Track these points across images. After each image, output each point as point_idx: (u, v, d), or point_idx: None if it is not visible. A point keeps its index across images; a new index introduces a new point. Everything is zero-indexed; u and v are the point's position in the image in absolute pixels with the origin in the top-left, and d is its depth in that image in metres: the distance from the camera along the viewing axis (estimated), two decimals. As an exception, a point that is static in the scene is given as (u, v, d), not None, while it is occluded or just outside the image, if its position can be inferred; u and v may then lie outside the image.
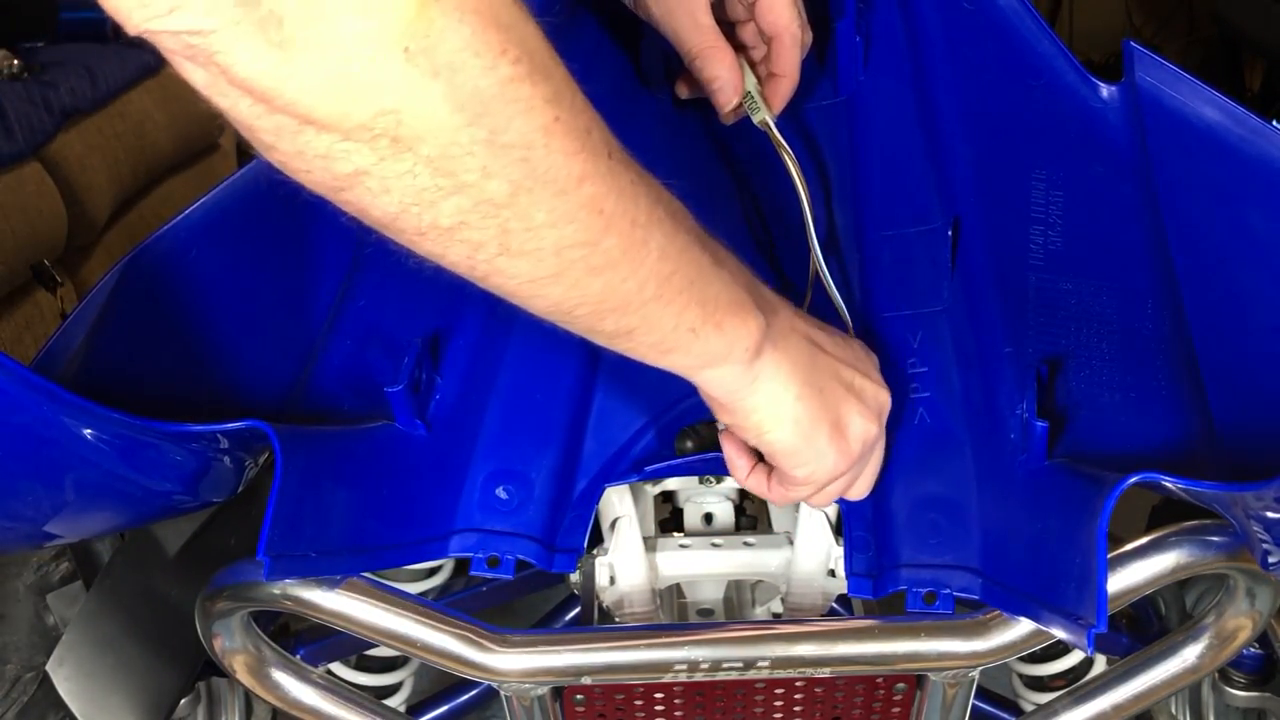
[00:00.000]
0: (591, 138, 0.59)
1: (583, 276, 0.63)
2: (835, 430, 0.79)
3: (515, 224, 0.58)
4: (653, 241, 0.64)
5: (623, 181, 0.62)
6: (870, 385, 0.82)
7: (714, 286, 0.70)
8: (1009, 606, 0.80)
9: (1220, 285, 0.83)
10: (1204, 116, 0.82)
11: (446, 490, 0.88)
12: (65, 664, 0.91)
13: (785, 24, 0.92)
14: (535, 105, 0.55)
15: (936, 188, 0.95)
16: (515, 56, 0.54)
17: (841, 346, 0.82)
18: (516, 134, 0.55)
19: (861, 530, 0.88)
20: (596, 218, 0.61)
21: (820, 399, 0.78)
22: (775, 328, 0.75)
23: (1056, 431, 0.83)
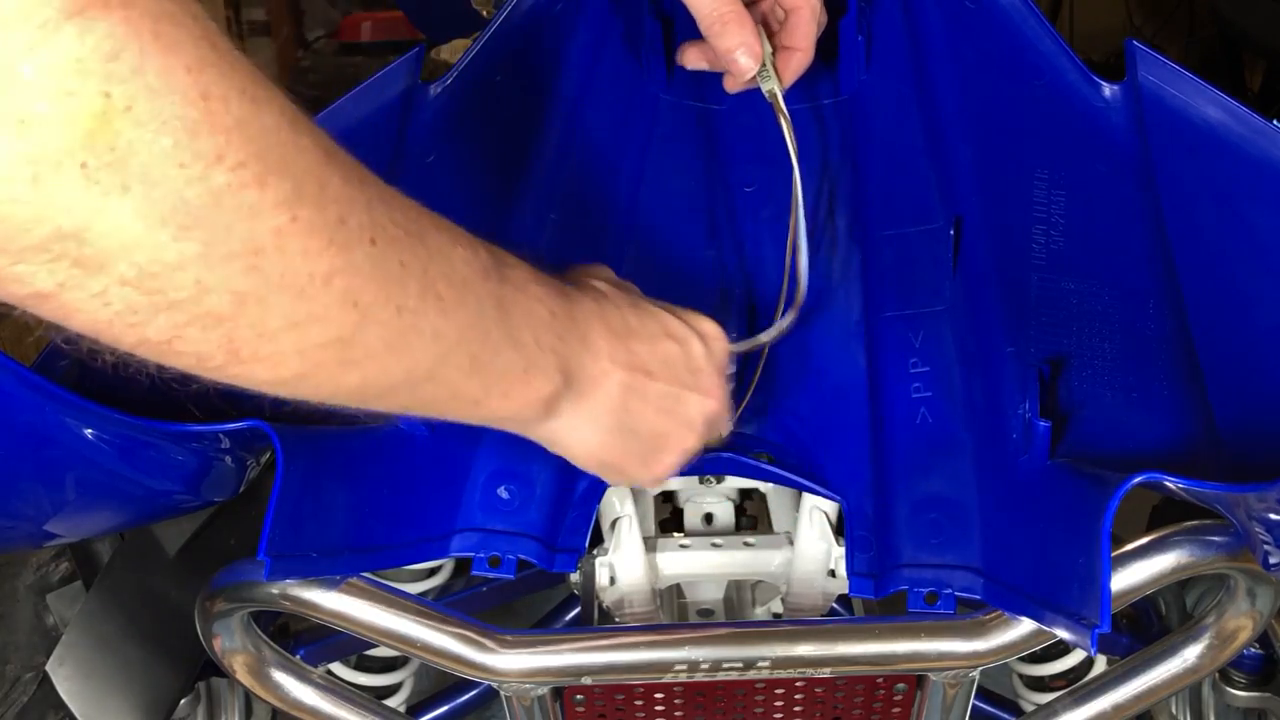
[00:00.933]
0: (346, 227, 0.52)
1: (336, 372, 0.56)
2: (649, 454, 0.78)
3: (245, 333, 0.51)
4: (425, 324, 0.58)
5: (388, 266, 0.55)
6: (697, 401, 0.78)
7: (503, 357, 0.65)
8: (1011, 606, 0.80)
9: (1222, 285, 0.83)
10: (1206, 116, 0.82)
11: (448, 490, 0.88)
12: (65, 664, 0.91)
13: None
14: (264, 209, 0.48)
15: (938, 187, 0.95)
16: (237, 161, 0.46)
17: (673, 363, 0.77)
18: (240, 242, 0.48)
19: (863, 530, 0.88)
20: (349, 313, 0.53)
21: (630, 438, 0.76)
22: (584, 380, 0.71)
23: (1058, 431, 0.83)
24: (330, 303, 0.52)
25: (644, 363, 0.75)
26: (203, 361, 0.52)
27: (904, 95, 0.98)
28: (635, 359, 0.74)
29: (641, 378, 0.75)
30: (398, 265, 0.56)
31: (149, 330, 0.49)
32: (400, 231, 0.56)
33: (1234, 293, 0.83)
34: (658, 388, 0.76)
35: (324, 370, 0.55)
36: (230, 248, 0.48)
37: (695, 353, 0.78)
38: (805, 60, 0.92)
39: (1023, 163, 0.91)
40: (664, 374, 0.76)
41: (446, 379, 0.62)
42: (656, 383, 0.76)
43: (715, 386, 0.80)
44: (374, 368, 0.57)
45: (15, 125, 0.41)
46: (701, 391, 0.79)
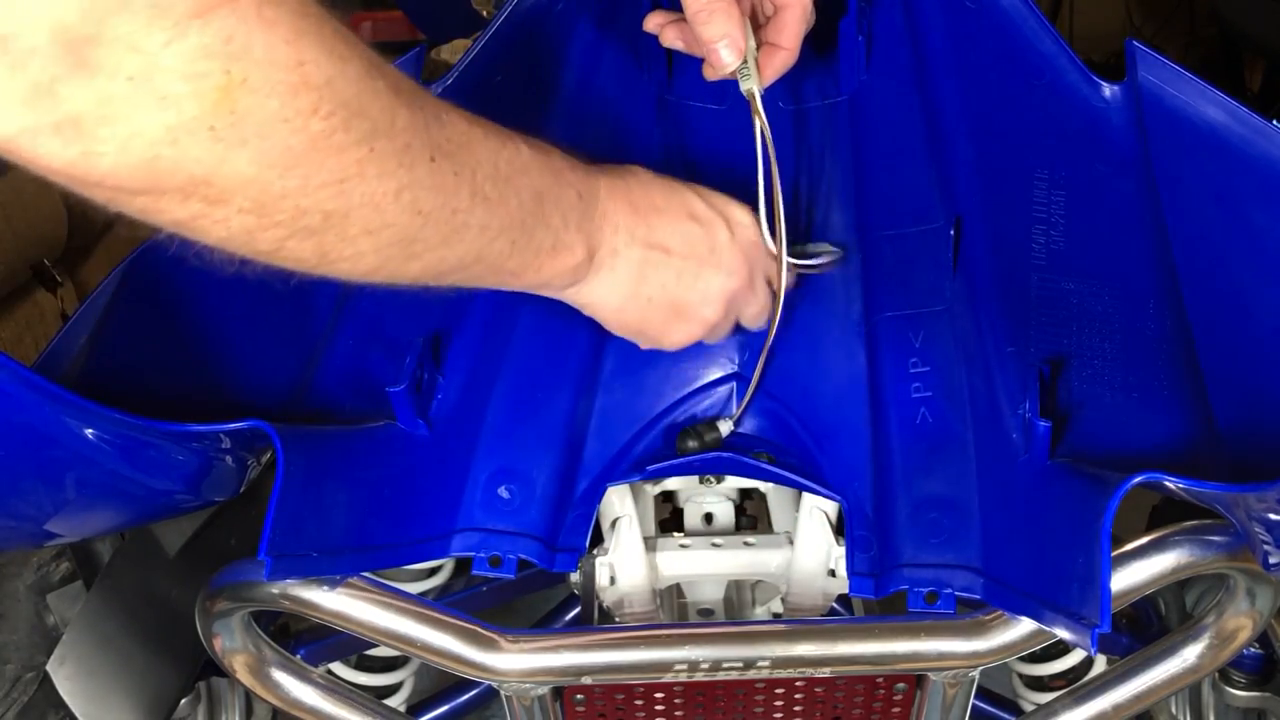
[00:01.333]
0: (411, 150, 0.63)
1: (402, 264, 0.67)
2: (671, 319, 0.85)
3: (332, 240, 0.62)
4: (474, 220, 0.69)
5: (444, 177, 0.66)
6: (718, 278, 0.85)
7: (537, 237, 0.75)
8: (1011, 606, 0.80)
9: (1222, 285, 0.83)
10: (1206, 116, 0.82)
11: (448, 490, 0.88)
12: (66, 664, 0.91)
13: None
14: (348, 146, 0.59)
15: (938, 187, 0.95)
16: (328, 111, 0.57)
17: (694, 242, 0.85)
18: (329, 173, 0.59)
19: (863, 530, 0.88)
20: (414, 218, 0.65)
21: (648, 306, 0.84)
22: (604, 252, 0.80)
23: (1059, 431, 0.83)
24: (399, 211, 0.63)
25: (662, 239, 0.83)
26: (300, 263, 0.63)
27: (904, 95, 0.98)
28: (654, 235, 0.83)
29: (659, 253, 0.83)
30: (452, 175, 0.66)
31: (259, 244, 0.60)
32: (454, 145, 0.67)
33: (1234, 293, 0.83)
34: (675, 262, 0.84)
35: (394, 263, 0.67)
36: (323, 179, 0.59)
37: (717, 233, 0.85)
38: (789, 60, 0.90)
39: (1023, 163, 0.91)
40: (682, 249, 0.84)
41: (490, 260, 0.73)
42: (674, 257, 0.84)
43: (737, 266, 0.86)
44: (433, 258, 0.68)
45: (158, 101, 0.51)
46: (722, 269, 0.85)
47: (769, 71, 0.90)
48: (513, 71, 0.99)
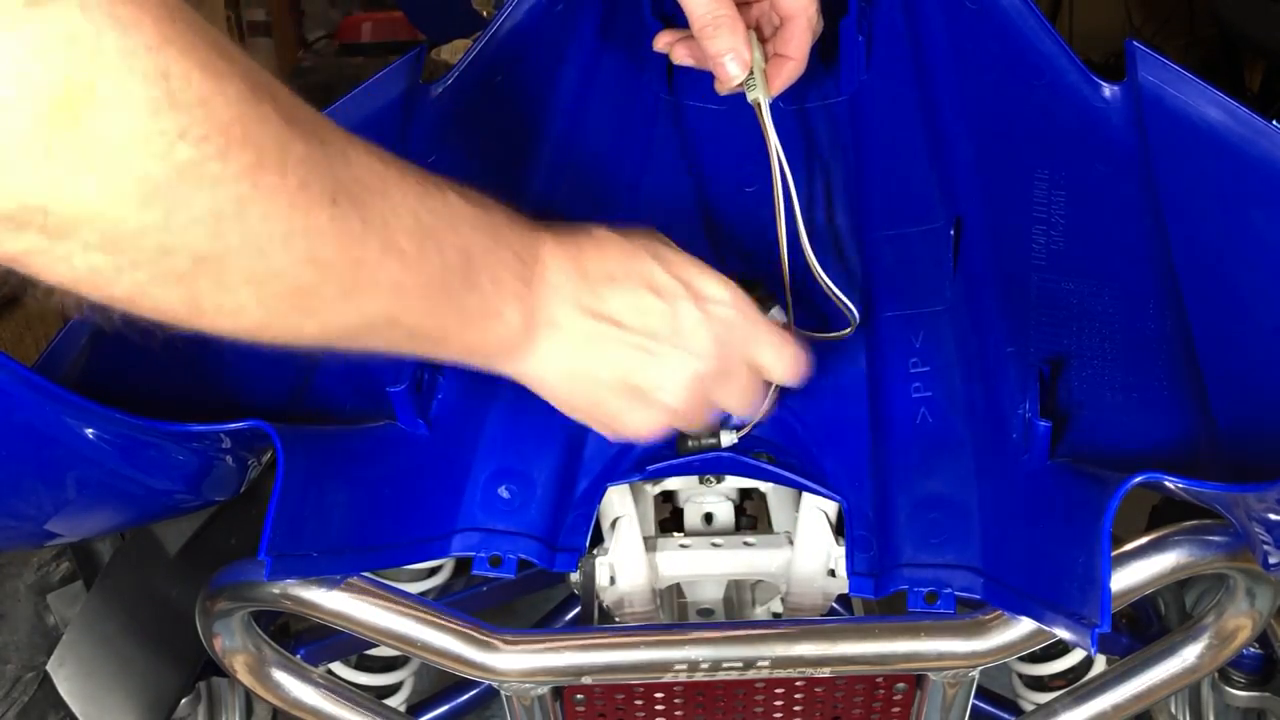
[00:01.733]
0: (307, 191, 0.54)
1: (295, 320, 0.58)
2: (629, 402, 0.75)
3: (206, 289, 0.53)
4: (384, 276, 0.60)
5: (348, 223, 0.56)
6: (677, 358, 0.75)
7: (464, 301, 0.66)
8: (1011, 606, 0.80)
9: (1222, 285, 0.83)
10: (1206, 116, 0.82)
11: (448, 490, 0.88)
12: (66, 664, 0.91)
13: (803, 6, 0.89)
14: (226, 179, 0.50)
15: (938, 187, 0.95)
16: (199, 135, 0.48)
17: (652, 316, 0.74)
18: (201, 209, 0.50)
19: (863, 530, 0.88)
20: (308, 269, 0.56)
21: (595, 384, 0.74)
22: (543, 323, 0.71)
23: (1059, 431, 0.83)
24: (290, 260, 0.54)
25: (613, 311, 0.73)
26: (166, 314, 0.54)
27: (904, 95, 0.98)
28: (604, 306, 0.73)
29: (609, 326, 0.73)
30: (359, 223, 0.57)
31: (114, 289, 0.51)
32: (362, 188, 0.57)
33: (1234, 293, 0.83)
34: (629, 338, 0.74)
35: (283, 319, 0.57)
36: (191, 215, 0.49)
37: (681, 311, 0.75)
38: (797, 70, 0.90)
39: (1023, 163, 0.91)
40: (636, 325, 0.74)
41: (406, 324, 0.63)
42: (627, 332, 0.74)
43: (705, 349, 0.75)
44: (333, 316, 0.59)
45: None
46: (687, 351, 0.75)
47: (777, 82, 0.89)
48: (513, 72, 0.99)
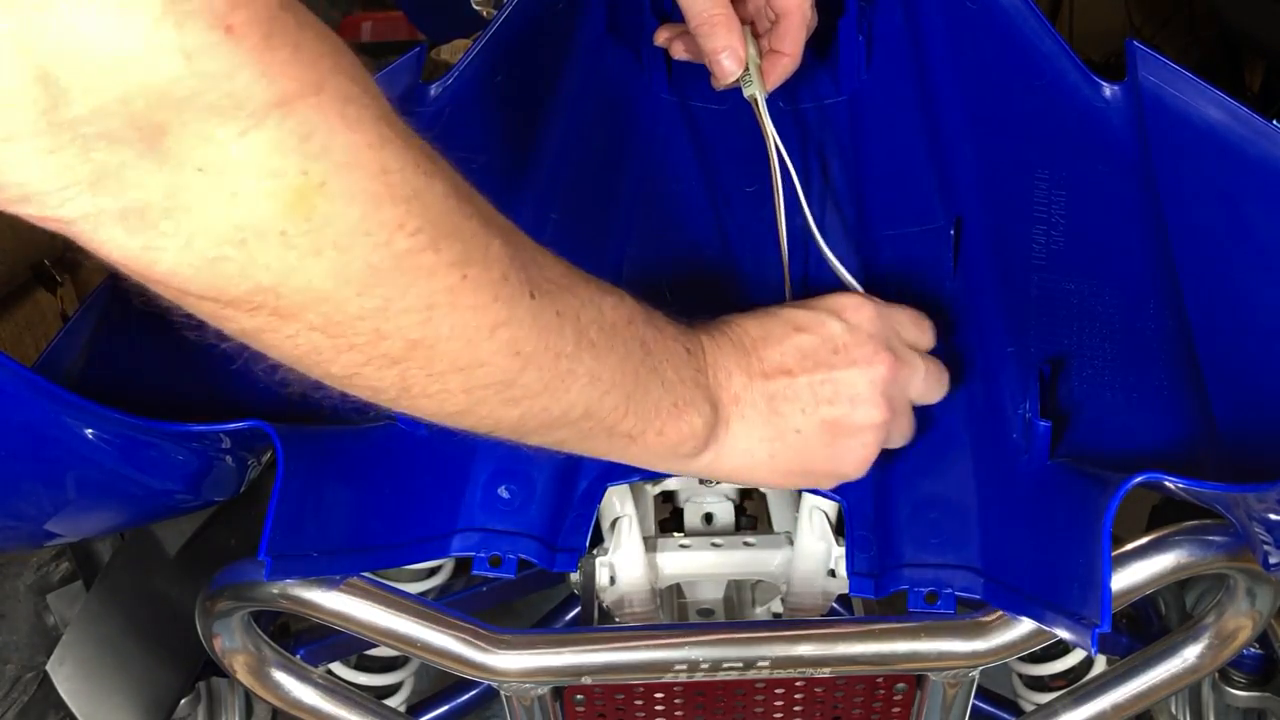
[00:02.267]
0: (508, 284, 0.58)
1: (498, 408, 0.62)
2: (836, 445, 0.77)
3: (416, 374, 0.57)
4: (581, 369, 0.63)
5: (546, 317, 0.60)
6: (858, 374, 0.76)
7: (653, 394, 0.68)
8: (1011, 606, 0.80)
9: (1222, 285, 0.83)
10: (1207, 116, 0.82)
11: (448, 490, 0.88)
12: (65, 664, 0.91)
13: (798, 3, 0.91)
14: (438, 270, 0.54)
15: (939, 187, 0.95)
16: (415, 228, 0.52)
17: (812, 352, 0.76)
18: (415, 298, 0.54)
19: (863, 529, 0.88)
20: (512, 360, 0.59)
21: (800, 440, 0.76)
22: (726, 403, 0.73)
23: (1059, 431, 0.83)
24: (495, 350, 0.58)
25: (778, 364, 0.75)
26: (378, 394, 0.59)
27: (904, 95, 0.98)
28: (768, 364, 0.75)
29: (782, 379, 0.75)
30: (554, 315, 0.61)
31: (333, 367, 0.56)
32: (554, 285, 0.61)
33: (1234, 293, 0.83)
34: (803, 381, 0.76)
35: (486, 406, 0.61)
36: (407, 303, 0.54)
37: (832, 332, 0.77)
38: (792, 66, 0.92)
39: (1023, 163, 0.91)
40: (804, 366, 0.76)
41: (602, 417, 0.66)
42: (799, 377, 0.76)
43: (870, 353, 0.77)
44: (534, 405, 0.63)
45: (228, 197, 0.47)
46: (857, 364, 0.77)
47: (772, 77, 0.91)
48: (513, 71, 1.00)
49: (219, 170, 0.47)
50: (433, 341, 0.56)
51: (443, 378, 0.58)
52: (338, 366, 0.56)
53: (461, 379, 0.58)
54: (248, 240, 0.49)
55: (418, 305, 0.54)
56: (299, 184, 0.48)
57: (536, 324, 0.60)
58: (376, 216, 0.51)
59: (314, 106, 0.48)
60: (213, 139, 0.46)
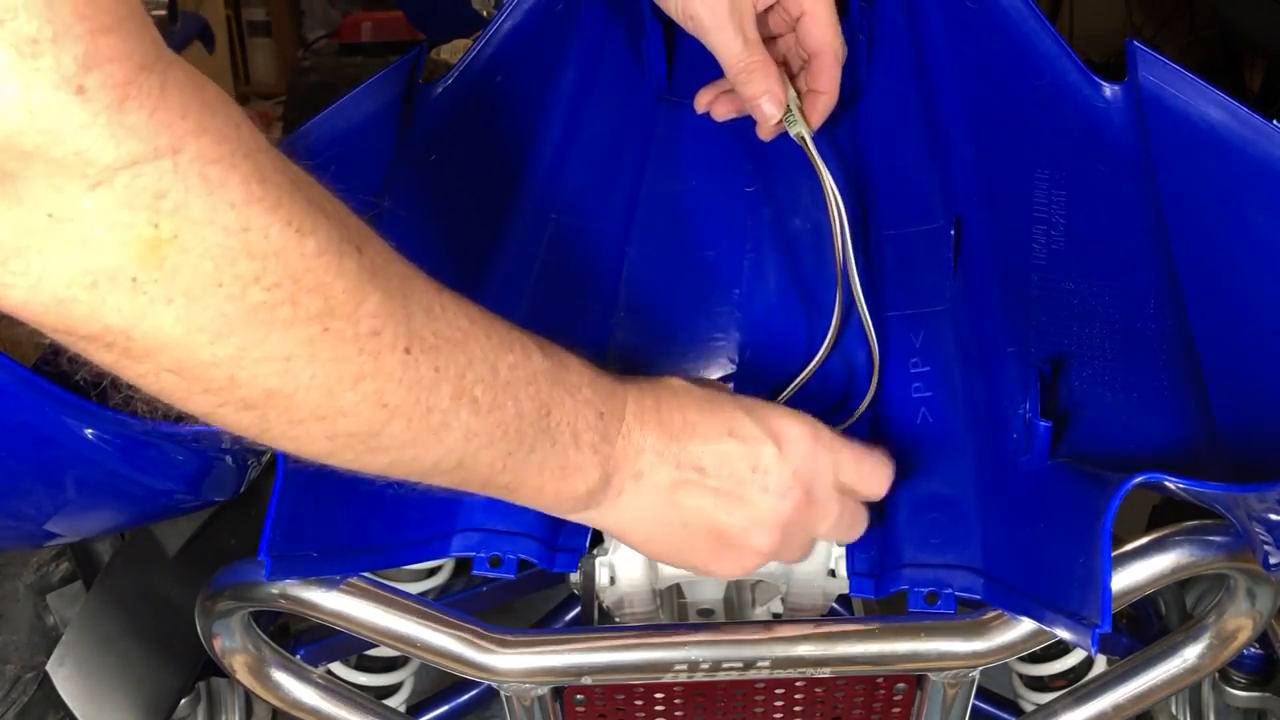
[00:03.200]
0: (379, 339, 0.58)
1: (363, 455, 0.62)
2: (717, 546, 0.77)
3: (275, 418, 0.58)
4: (455, 423, 0.63)
5: (420, 371, 0.60)
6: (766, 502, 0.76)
7: (539, 455, 0.68)
8: (1011, 606, 0.80)
9: (1223, 285, 0.83)
10: (1207, 116, 0.82)
11: (448, 490, 0.88)
12: (65, 664, 0.91)
13: (829, 41, 0.92)
14: (295, 322, 0.54)
15: (939, 187, 0.95)
16: (272, 283, 0.53)
17: (733, 463, 0.76)
18: (272, 348, 0.54)
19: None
20: (377, 411, 0.59)
21: (683, 533, 0.76)
22: (628, 475, 0.73)
23: (1059, 431, 0.83)
24: (358, 400, 0.58)
25: (696, 460, 0.75)
26: (241, 432, 0.59)
27: (904, 95, 0.98)
28: (687, 456, 0.75)
29: (693, 474, 0.75)
30: (431, 371, 0.61)
31: (189, 405, 0.57)
32: (440, 340, 0.61)
33: (1234, 293, 0.83)
34: (710, 483, 0.75)
35: (351, 452, 0.62)
36: (263, 353, 0.54)
37: (763, 454, 0.76)
38: (831, 102, 0.93)
39: (1023, 163, 0.91)
40: (720, 472, 0.75)
41: (476, 469, 0.66)
42: (709, 478, 0.75)
43: (788, 487, 0.77)
44: (402, 455, 0.63)
45: (77, 243, 0.49)
46: (769, 492, 0.76)
47: (814, 116, 0.93)
48: (513, 71, 1.00)
49: (68, 218, 0.48)
50: (291, 390, 0.56)
51: (303, 424, 0.58)
52: (194, 406, 0.57)
53: (323, 426, 0.59)
54: (98, 283, 0.50)
55: (275, 355, 0.55)
56: (150, 236, 0.49)
57: (407, 378, 0.60)
58: (231, 270, 0.52)
59: (169, 169, 0.49)
60: (62, 190, 0.48)
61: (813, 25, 0.92)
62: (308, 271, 0.54)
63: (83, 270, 0.49)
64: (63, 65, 0.45)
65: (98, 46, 0.46)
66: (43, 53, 0.45)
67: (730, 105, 0.98)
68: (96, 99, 0.46)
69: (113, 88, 0.47)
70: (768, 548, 0.78)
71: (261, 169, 0.53)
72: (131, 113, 0.48)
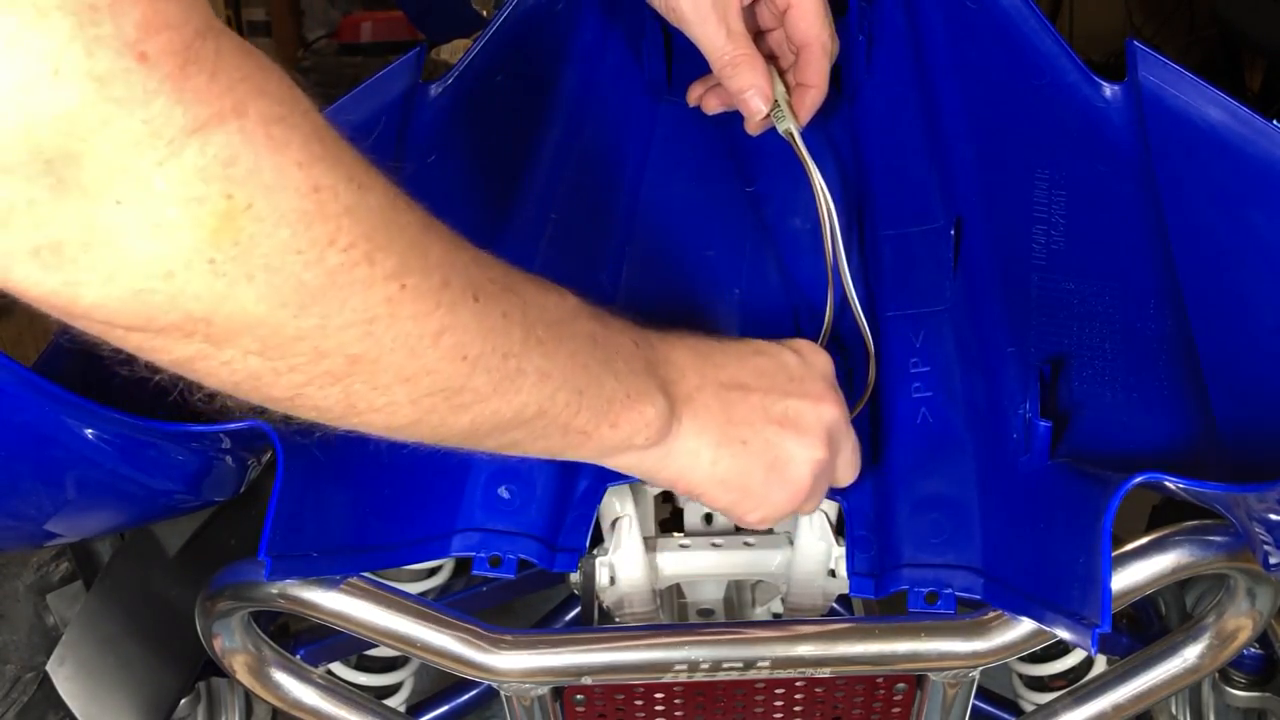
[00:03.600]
0: (450, 289, 0.57)
1: (448, 416, 0.61)
2: (772, 473, 0.77)
3: (360, 389, 0.56)
4: (529, 366, 0.63)
5: (492, 318, 0.60)
6: (808, 406, 0.77)
7: (606, 387, 0.68)
8: (1011, 606, 0.80)
9: (1222, 285, 0.83)
10: (1207, 116, 0.82)
11: (448, 490, 0.88)
12: (65, 664, 0.91)
13: (816, 33, 0.91)
14: (375, 282, 0.53)
15: (939, 187, 0.95)
16: (348, 243, 0.52)
17: (770, 373, 0.77)
18: (354, 313, 0.53)
19: (863, 529, 0.88)
20: (459, 365, 0.59)
21: (744, 451, 0.76)
22: (680, 399, 0.73)
23: (1059, 431, 0.83)
24: (440, 356, 0.57)
25: (734, 376, 0.75)
26: (323, 414, 0.58)
27: (904, 95, 0.98)
28: (725, 373, 0.75)
29: (737, 391, 0.75)
30: (500, 316, 0.60)
31: (274, 390, 0.55)
32: (497, 287, 0.61)
33: (1234, 292, 0.83)
34: (758, 398, 0.76)
35: (436, 415, 0.61)
36: (346, 319, 0.53)
37: (789, 362, 0.78)
38: (819, 96, 0.92)
39: (1023, 163, 0.91)
40: (760, 384, 0.76)
41: (555, 414, 0.66)
42: (755, 394, 0.76)
43: (823, 391, 0.78)
44: (485, 409, 0.62)
45: (151, 229, 0.46)
46: (809, 397, 0.77)
47: (803, 110, 0.92)
48: (513, 72, 1.00)
49: (139, 201, 0.46)
50: (375, 355, 0.55)
51: (388, 390, 0.57)
52: (279, 389, 0.55)
53: (408, 390, 0.58)
54: (175, 272, 0.48)
55: (357, 320, 0.53)
56: (224, 208, 0.47)
57: (481, 326, 0.59)
58: (307, 235, 0.50)
59: (237, 130, 0.47)
60: (130, 169, 0.45)
61: (799, 17, 0.91)
62: (378, 228, 0.53)
63: (159, 258, 0.47)
64: (123, 31, 0.43)
65: (156, 11, 0.44)
66: (102, 20, 0.43)
67: (719, 99, 0.97)
68: (159, 65, 0.45)
69: (174, 53, 0.45)
70: (819, 456, 0.77)
71: (318, 126, 0.51)
72: (193, 77, 0.46)
